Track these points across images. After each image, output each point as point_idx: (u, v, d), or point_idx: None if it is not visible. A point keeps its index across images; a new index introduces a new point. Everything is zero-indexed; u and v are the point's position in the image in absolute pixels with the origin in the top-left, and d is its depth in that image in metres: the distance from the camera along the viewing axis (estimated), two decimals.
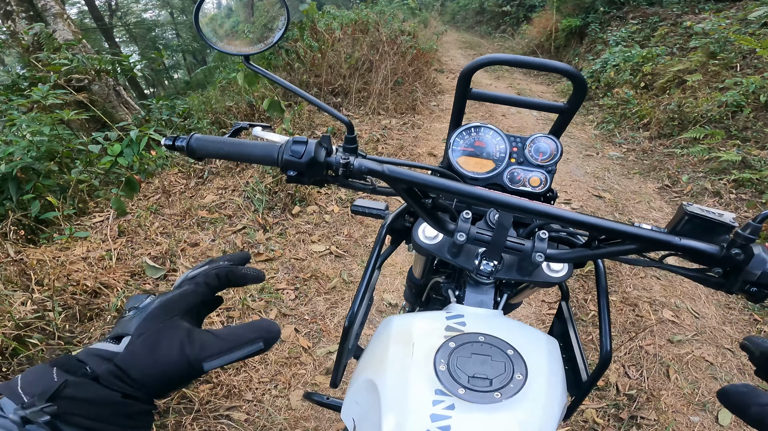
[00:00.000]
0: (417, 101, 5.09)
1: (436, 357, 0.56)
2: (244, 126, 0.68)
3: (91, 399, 0.38)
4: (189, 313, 0.44)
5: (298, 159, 0.56)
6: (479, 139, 0.79)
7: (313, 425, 1.75)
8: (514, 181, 0.78)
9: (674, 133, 4.28)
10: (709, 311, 2.41)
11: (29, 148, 2.50)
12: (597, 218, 0.54)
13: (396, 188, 0.59)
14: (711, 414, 1.87)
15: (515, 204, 0.54)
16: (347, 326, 0.74)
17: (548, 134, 0.79)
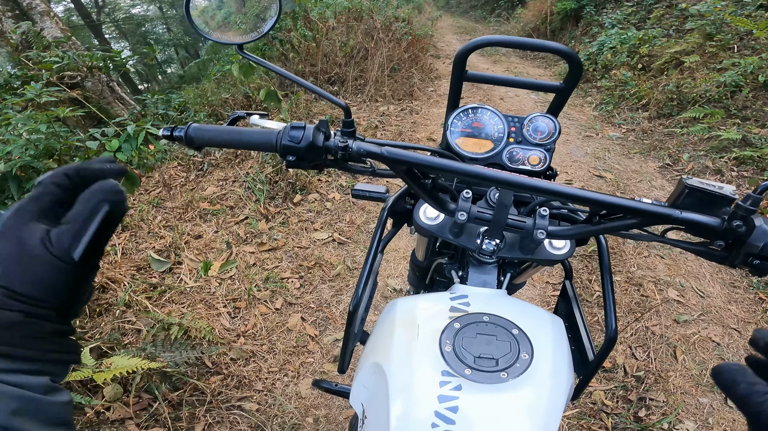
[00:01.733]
0: (414, 87, 5.06)
1: (442, 338, 0.56)
2: (241, 115, 0.68)
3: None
4: (44, 215, 0.40)
5: (296, 144, 0.56)
6: (477, 120, 0.79)
7: (323, 413, 1.77)
8: (513, 160, 0.78)
9: (673, 112, 4.27)
10: (714, 290, 2.42)
11: (27, 147, 2.47)
12: (597, 193, 0.53)
13: (395, 169, 0.59)
14: (720, 395, 1.87)
15: (514, 181, 0.54)
16: (352, 310, 0.75)
17: (546, 113, 0.79)
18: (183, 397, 1.70)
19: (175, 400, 1.68)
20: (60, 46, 3.93)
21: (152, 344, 1.74)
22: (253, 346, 1.99)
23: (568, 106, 5.07)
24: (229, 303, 2.19)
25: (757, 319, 2.23)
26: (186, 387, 1.72)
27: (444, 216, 0.73)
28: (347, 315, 0.76)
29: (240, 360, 1.92)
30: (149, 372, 1.62)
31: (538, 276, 2.51)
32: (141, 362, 1.50)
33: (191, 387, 1.73)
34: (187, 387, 1.72)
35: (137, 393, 1.63)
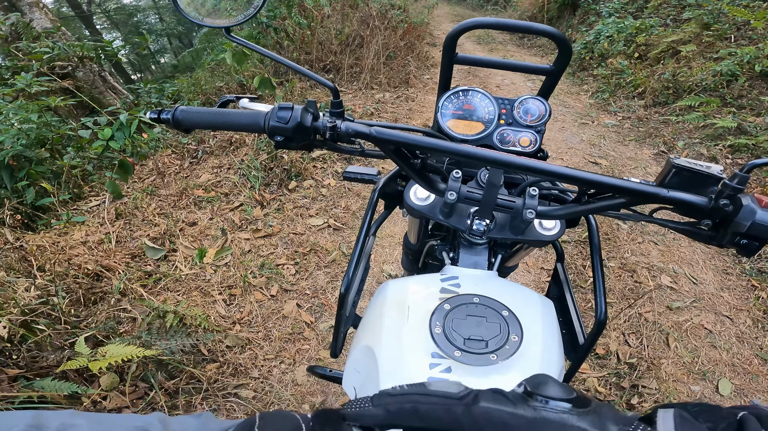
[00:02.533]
0: (410, 75, 5.03)
1: (432, 320, 0.56)
2: (231, 99, 0.69)
3: None
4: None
5: (284, 124, 0.56)
6: (468, 102, 0.79)
7: (320, 399, 1.77)
8: (504, 142, 0.78)
9: (669, 101, 4.26)
10: (707, 277, 2.43)
11: (18, 136, 2.47)
12: (585, 172, 0.53)
13: (384, 149, 0.59)
14: (711, 383, 1.89)
15: (503, 159, 0.54)
16: (343, 293, 0.75)
17: (536, 96, 0.79)
18: (179, 385, 1.70)
19: (171, 389, 1.68)
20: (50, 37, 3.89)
21: (147, 332, 1.74)
22: (248, 333, 2.00)
23: (564, 94, 5.05)
24: (225, 290, 2.19)
25: (749, 306, 2.24)
26: (182, 376, 1.72)
27: (435, 197, 0.73)
28: (338, 297, 0.76)
29: (236, 347, 1.92)
30: (145, 360, 1.62)
31: (532, 262, 2.52)
32: (136, 350, 1.49)
33: (187, 375, 1.73)
34: (183, 375, 1.72)
35: (133, 382, 1.62)
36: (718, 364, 1.97)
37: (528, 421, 0.32)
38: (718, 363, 1.97)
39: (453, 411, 0.33)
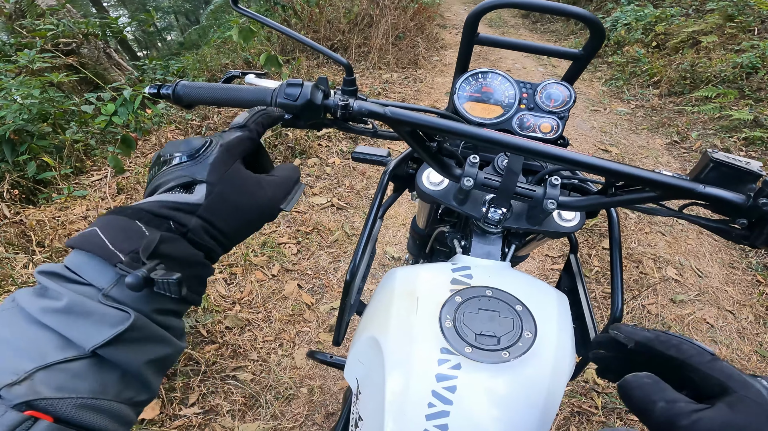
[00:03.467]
0: (419, 56, 4.94)
1: (442, 312, 0.54)
2: (236, 74, 0.65)
3: (182, 259, 0.37)
4: (244, 158, 0.43)
5: (293, 102, 0.53)
6: (487, 85, 0.75)
7: (318, 383, 1.77)
8: (523, 127, 0.74)
9: (685, 91, 4.19)
10: (713, 270, 2.40)
11: (21, 111, 2.46)
12: (616, 163, 0.50)
13: (398, 131, 0.55)
14: None
15: (528, 147, 0.50)
16: (349, 280, 0.72)
17: (560, 81, 0.75)
18: (177, 367, 1.70)
19: (169, 371, 1.68)
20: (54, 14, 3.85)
21: None
22: (248, 314, 1.99)
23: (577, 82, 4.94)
24: (225, 268, 2.18)
25: (753, 302, 2.22)
26: (180, 357, 1.73)
27: (448, 182, 0.69)
28: (344, 284, 0.74)
29: (235, 328, 1.92)
30: None
31: (537, 249, 2.49)
32: None
33: (186, 356, 1.73)
34: (182, 356, 1.72)
35: None
36: None
37: None
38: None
39: None
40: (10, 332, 0.32)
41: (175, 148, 0.41)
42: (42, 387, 0.30)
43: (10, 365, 0.30)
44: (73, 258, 0.35)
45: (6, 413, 0.27)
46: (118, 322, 0.33)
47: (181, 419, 1.57)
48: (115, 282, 0.34)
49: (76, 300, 0.33)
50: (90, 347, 0.32)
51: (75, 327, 0.32)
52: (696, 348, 0.36)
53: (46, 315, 0.32)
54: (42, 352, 0.31)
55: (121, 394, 0.34)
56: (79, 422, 0.31)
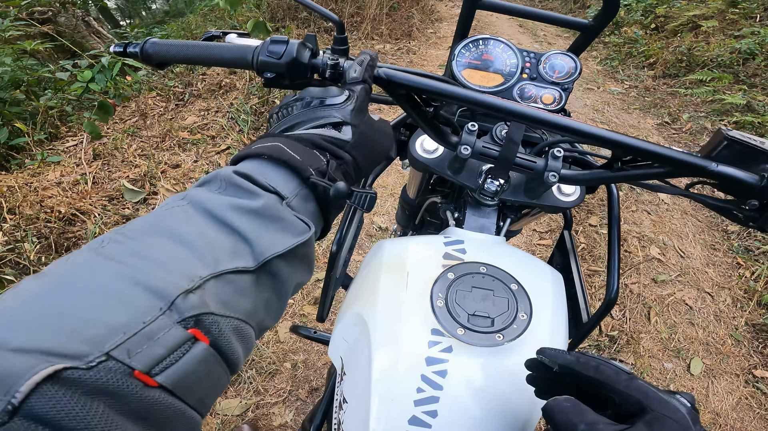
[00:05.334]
0: (413, 27, 4.81)
1: (433, 290, 0.51)
2: (216, 34, 0.59)
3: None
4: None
5: (276, 59, 0.48)
6: (488, 53, 0.71)
7: (302, 358, 1.75)
8: (524, 98, 0.71)
9: (680, 74, 4.17)
10: (694, 251, 2.41)
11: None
12: (626, 136, 0.47)
13: (393, 94, 0.51)
14: (684, 362, 1.90)
15: (533, 115, 0.47)
16: (334, 251, 0.69)
17: (566, 51, 0.72)
18: None
19: None
20: None
21: None
22: None
23: None
24: None
25: (731, 284, 2.24)
26: None
27: (443, 151, 0.66)
28: (329, 256, 0.70)
29: None
30: None
31: None
32: None
33: None
34: None
35: None
36: (693, 342, 1.97)
37: None
38: (693, 341, 1.98)
39: None
40: (187, 230, 0.30)
41: (312, 94, 0.45)
42: (211, 299, 0.28)
43: (186, 268, 0.28)
44: (255, 166, 0.36)
45: (171, 329, 0.25)
46: (300, 233, 0.34)
47: None
48: (296, 194, 0.36)
49: (270, 203, 0.33)
50: (270, 255, 0.31)
51: (263, 230, 0.32)
52: (612, 368, 0.37)
53: (235, 214, 0.31)
54: (216, 257, 0.29)
55: (262, 320, 0.33)
56: (228, 349, 0.28)
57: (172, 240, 0.29)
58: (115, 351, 0.22)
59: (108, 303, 0.24)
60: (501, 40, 0.71)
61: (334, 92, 0.45)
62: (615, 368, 0.37)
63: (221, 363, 0.28)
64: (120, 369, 0.22)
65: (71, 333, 0.22)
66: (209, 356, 0.27)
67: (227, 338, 0.28)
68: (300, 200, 0.36)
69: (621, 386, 0.36)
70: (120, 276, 0.25)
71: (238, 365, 0.30)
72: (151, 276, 0.26)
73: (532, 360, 0.43)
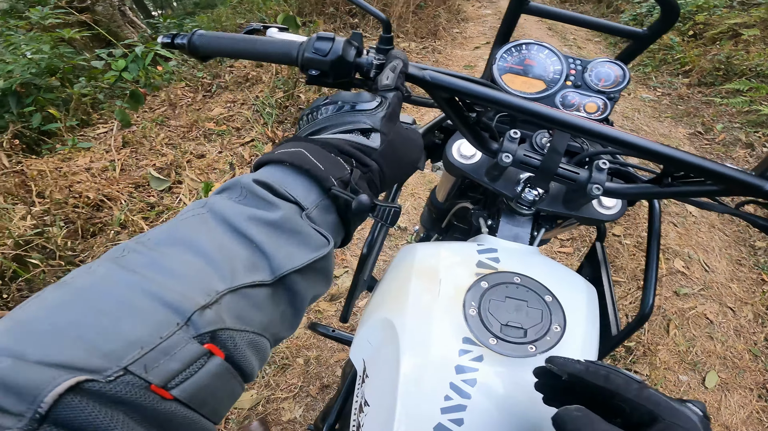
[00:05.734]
0: (439, 27, 4.77)
1: (466, 298, 0.51)
2: (257, 28, 0.59)
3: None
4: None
5: (322, 56, 0.48)
6: (530, 58, 0.70)
7: (314, 354, 1.75)
8: (566, 105, 0.68)
9: (716, 82, 4.02)
10: (719, 265, 2.34)
11: (29, 65, 2.46)
12: (680, 151, 0.45)
13: (436, 97, 0.50)
14: (699, 375, 1.85)
15: (586, 126, 0.45)
16: (365, 254, 0.69)
17: (614, 59, 0.69)
18: None
19: None
20: None
21: None
22: None
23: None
24: None
25: (755, 300, 2.18)
26: None
27: (481, 156, 0.65)
28: (359, 258, 0.70)
29: None
30: None
31: None
32: None
33: None
34: None
35: None
36: (711, 356, 1.93)
37: None
38: (711, 354, 1.93)
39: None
40: (205, 240, 0.30)
41: (344, 98, 0.44)
42: (226, 314, 0.28)
43: (203, 281, 0.28)
44: (276, 172, 0.35)
45: (187, 345, 0.25)
46: (318, 247, 0.33)
47: None
48: (317, 205, 0.35)
49: (289, 215, 0.32)
50: (286, 270, 0.31)
51: (281, 243, 0.31)
52: (623, 377, 0.37)
53: (253, 226, 0.31)
54: (233, 270, 0.29)
55: (277, 332, 0.33)
56: (243, 362, 0.29)
57: (191, 251, 0.29)
58: (133, 366, 0.23)
59: (126, 316, 0.24)
60: (546, 45, 0.70)
61: (366, 97, 0.44)
62: (625, 377, 0.37)
63: (236, 376, 0.28)
64: (137, 383, 0.23)
65: (91, 347, 0.22)
66: (224, 370, 0.27)
67: (242, 352, 0.28)
68: (320, 211, 0.36)
69: (632, 395, 0.35)
70: (138, 289, 0.26)
71: (252, 376, 0.30)
72: (169, 290, 0.26)
73: (541, 368, 0.42)
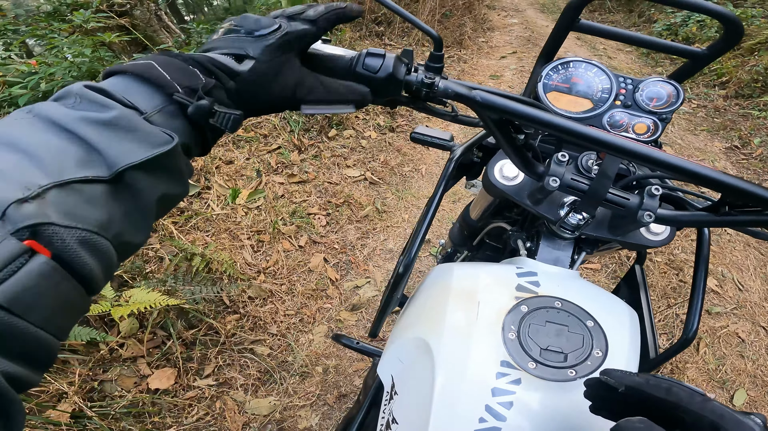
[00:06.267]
0: (465, 36, 4.76)
1: (505, 322, 0.50)
2: None
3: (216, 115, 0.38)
4: (302, 52, 0.45)
5: (373, 74, 0.47)
6: (577, 76, 0.67)
7: (334, 363, 1.75)
8: (615, 126, 0.66)
9: (754, 94, 3.90)
10: (754, 284, 2.28)
11: (70, 69, 2.51)
12: (743, 181, 0.43)
13: (484, 118, 0.49)
14: (728, 393, 1.81)
15: (655, 157, 0.42)
16: (401, 273, 0.68)
17: (667, 78, 0.66)
18: (197, 336, 1.69)
19: (189, 338, 1.68)
20: None
21: (173, 276, 1.72)
22: (272, 285, 1.98)
23: (634, 73, 4.64)
24: (254, 235, 2.17)
25: None
26: (201, 326, 1.72)
27: (523, 177, 0.64)
28: (393, 276, 0.69)
29: (258, 299, 1.91)
30: (167, 308, 1.60)
31: None
32: (160, 297, 1.47)
33: (206, 326, 1.73)
34: (203, 325, 1.72)
35: (152, 329, 1.62)
36: (741, 374, 1.88)
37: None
38: (741, 373, 1.88)
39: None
40: (30, 140, 0.28)
41: (245, 22, 0.43)
42: (52, 209, 0.26)
43: (23, 177, 0.26)
44: (118, 81, 0.35)
45: (3, 241, 0.23)
46: (161, 143, 0.32)
47: (194, 390, 1.58)
48: (158, 110, 0.35)
49: (125, 115, 0.32)
50: (124, 164, 0.30)
51: (116, 141, 0.31)
52: (686, 390, 0.36)
53: (83, 125, 0.30)
54: (62, 166, 0.28)
55: (121, 234, 0.31)
56: (75, 262, 0.26)
57: (10, 149, 0.27)
58: None
59: None
60: (595, 63, 0.67)
61: (264, 23, 0.43)
62: (688, 389, 0.36)
63: (69, 278, 0.26)
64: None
65: None
66: (51, 270, 0.24)
67: (74, 250, 0.26)
68: (164, 116, 0.35)
69: (695, 407, 0.35)
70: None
71: (92, 281, 0.28)
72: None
73: (594, 380, 0.42)
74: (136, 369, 1.55)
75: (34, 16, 3.76)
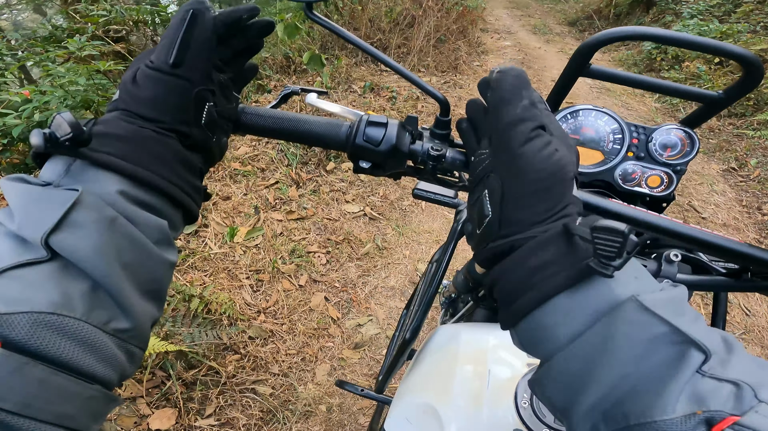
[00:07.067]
0: (460, 60, 4.82)
1: (518, 389, 0.48)
2: (295, 90, 0.54)
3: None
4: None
5: (374, 147, 0.42)
6: (587, 125, 0.64)
7: (337, 401, 1.72)
8: (627, 179, 0.63)
9: (747, 113, 3.93)
10: (761, 309, 2.28)
11: (65, 98, 2.50)
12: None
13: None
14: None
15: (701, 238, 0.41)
16: (408, 339, 0.66)
17: (681, 125, 0.63)
18: (197, 377, 1.66)
19: (189, 379, 1.64)
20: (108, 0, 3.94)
21: (172, 320, 1.69)
22: (273, 325, 1.94)
23: (627, 94, 4.70)
24: (253, 274, 2.14)
25: None
26: (201, 367, 1.68)
27: None
28: (401, 342, 0.67)
29: (258, 339, 1.87)
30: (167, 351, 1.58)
31: None
32: (159, 343, 1.46)
33: (206, 367, 1.69)
34: (203, 366, 1.68)
35: (152, 370, 1.59)
36: None
37: None
38: None
39: None
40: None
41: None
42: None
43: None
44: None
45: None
46: (66, 200, 0.29)
47: (195, 430, 1.54)
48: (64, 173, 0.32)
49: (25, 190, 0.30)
50: (41, 234, 0.28)
51: (25, 216, 0.29)
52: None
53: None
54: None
55: (93, 314, 0.28)
56: (36, 345, 0.25)
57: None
58: None
59: None
60: (606, 111, 0.64)
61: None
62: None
63: (34, 363, 0.25)
64: None
65: None
66: (3, 357, 0.24)
67: (26, 332, 0.25)
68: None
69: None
70: None
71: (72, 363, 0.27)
72: None
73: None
74: (136, 409, 1.52)
75: (30, 40, 3.74)
